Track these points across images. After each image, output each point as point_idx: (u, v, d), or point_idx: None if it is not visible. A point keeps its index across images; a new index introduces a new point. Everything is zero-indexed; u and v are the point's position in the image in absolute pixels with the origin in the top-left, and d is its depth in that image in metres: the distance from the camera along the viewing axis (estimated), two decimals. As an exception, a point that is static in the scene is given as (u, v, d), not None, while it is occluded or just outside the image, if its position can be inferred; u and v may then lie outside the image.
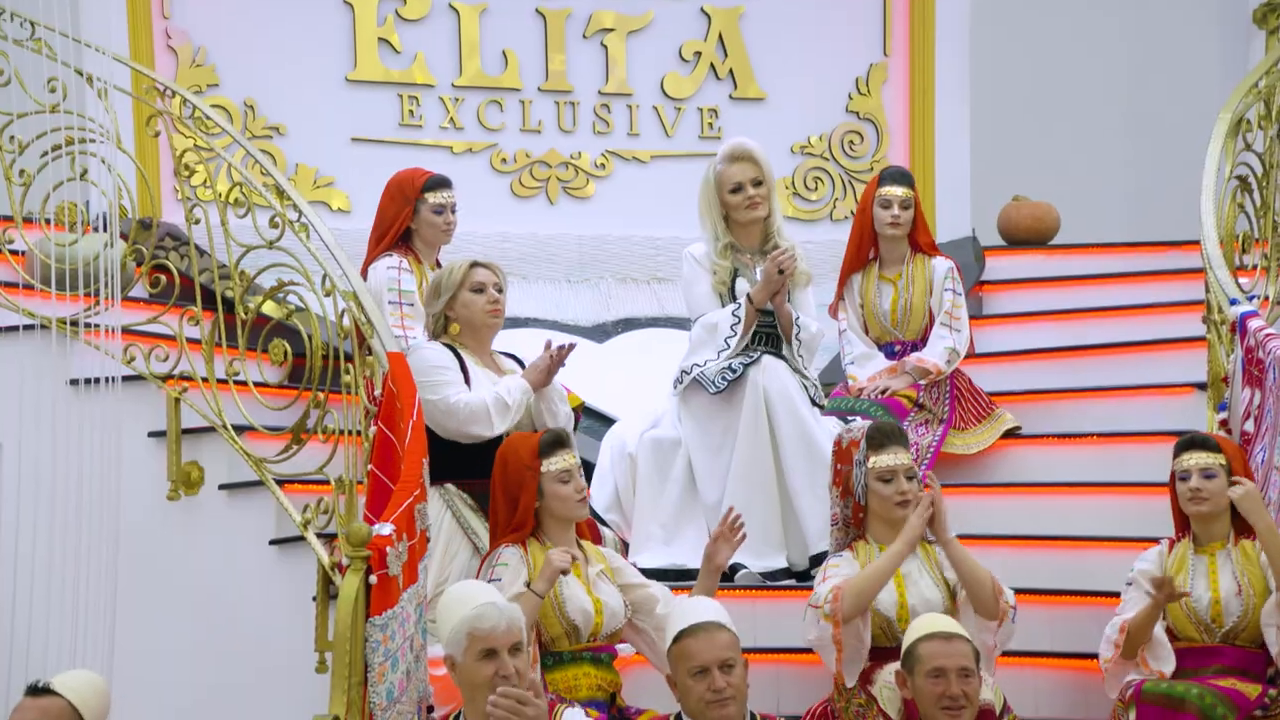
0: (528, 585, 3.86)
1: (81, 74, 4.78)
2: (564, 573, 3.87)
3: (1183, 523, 4.18)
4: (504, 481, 4.08)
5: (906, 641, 3.49)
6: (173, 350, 4.66)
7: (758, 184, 4.82)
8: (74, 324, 4.68)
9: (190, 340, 4.64)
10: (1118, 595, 4.20)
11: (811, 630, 3.94)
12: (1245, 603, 4.00)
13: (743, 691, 3.47)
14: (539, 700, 3.22)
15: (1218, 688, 3.88)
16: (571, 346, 4.41)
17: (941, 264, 5.26)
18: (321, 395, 4.39)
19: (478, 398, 4.29)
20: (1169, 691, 3.89)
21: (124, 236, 4.81)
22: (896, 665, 3.89)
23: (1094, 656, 4.21)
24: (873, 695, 3.87)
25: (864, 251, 5.31)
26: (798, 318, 4.82)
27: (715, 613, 3.56)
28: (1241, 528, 4.11)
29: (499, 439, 4.26)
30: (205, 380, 4.52)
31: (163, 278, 4.76)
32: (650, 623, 4.00)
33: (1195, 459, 4.08)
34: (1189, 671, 3.96)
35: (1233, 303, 4.61)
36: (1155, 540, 4.26)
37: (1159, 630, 4.02)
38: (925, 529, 4.07)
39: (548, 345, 4.40)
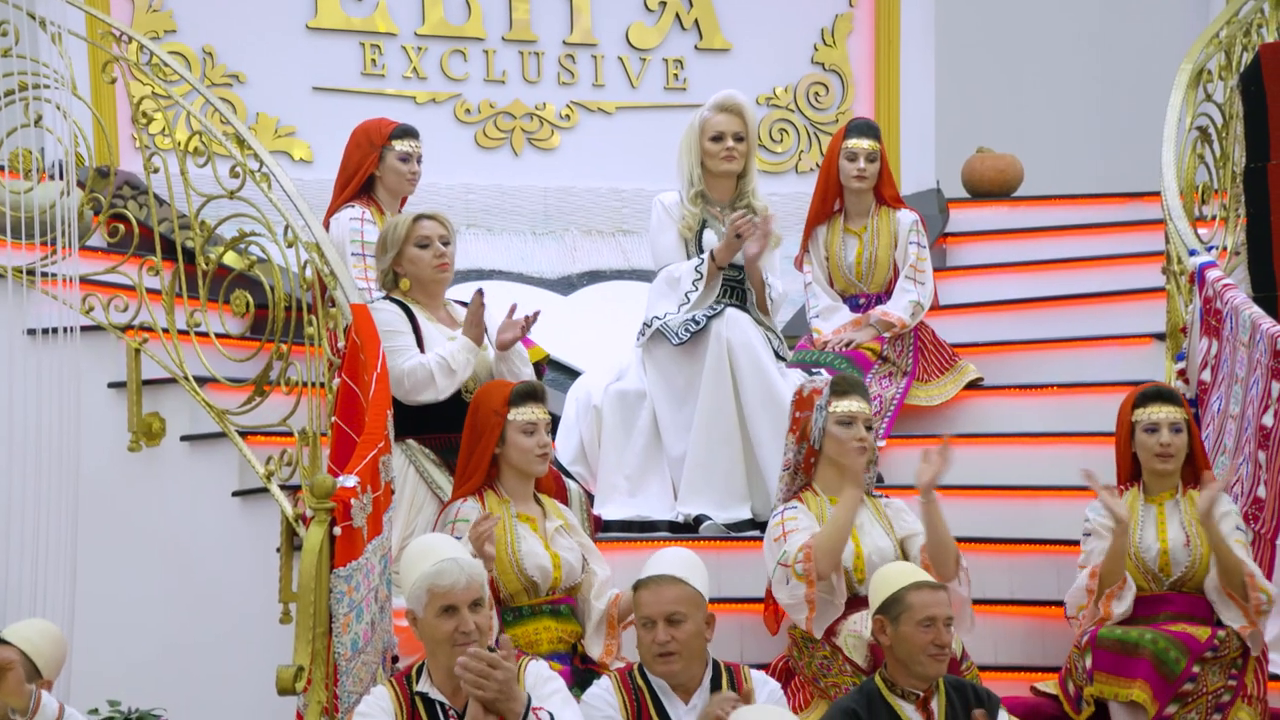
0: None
1: (35, 18, 4.69)
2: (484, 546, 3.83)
3: (1128, 472, 4.21)
4: (471, 426, 4.08)
5: (889, 589, 3.49)
6: (132, 300, 4.62)
7: (739, 139, 4.82)
8: (30, 273, 4.62)
9: (150, 291, 4.60)
10: (1076, 544, 4.25)
11: (782, 590, 3.96)
12: (1193, 553, 4.05)
13: (692, 646, 3.44)
14: (508, 663, 3.23)
15: (1170, 632, 3.94)
16: (536, 314, 4.38)
17: (906, 217, 5.27)
18: (284, 347, 4.36)
19: (421, 366, 4.26)
20: (1123, 637, 3.95)
21: (81, 185, 4.74)
22: (860, 615, 3.93)
23: (1051, 604, 4.27)
24: (837, 646, 3.91)
25: (829, 204, 5.31)
26: (767, 276, 4.83)
27: (680, 566, 3.54)
28: (1189, 479, 4.16)
29: (454, 397, 4.25)
30: (166, 331, 4.48)
31: (121, 227, 4.70)
32: (582, 598, 4.01)
33: (1165, 412, 4.11)
34: (1140, 619, 4.02)
35: (1192, 253, 4.64)
36: (1114, 489, 4.30)
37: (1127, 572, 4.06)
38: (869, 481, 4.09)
39: (511, 309, 4.37)
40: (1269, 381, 4.21)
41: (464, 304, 4.55)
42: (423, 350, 4.34)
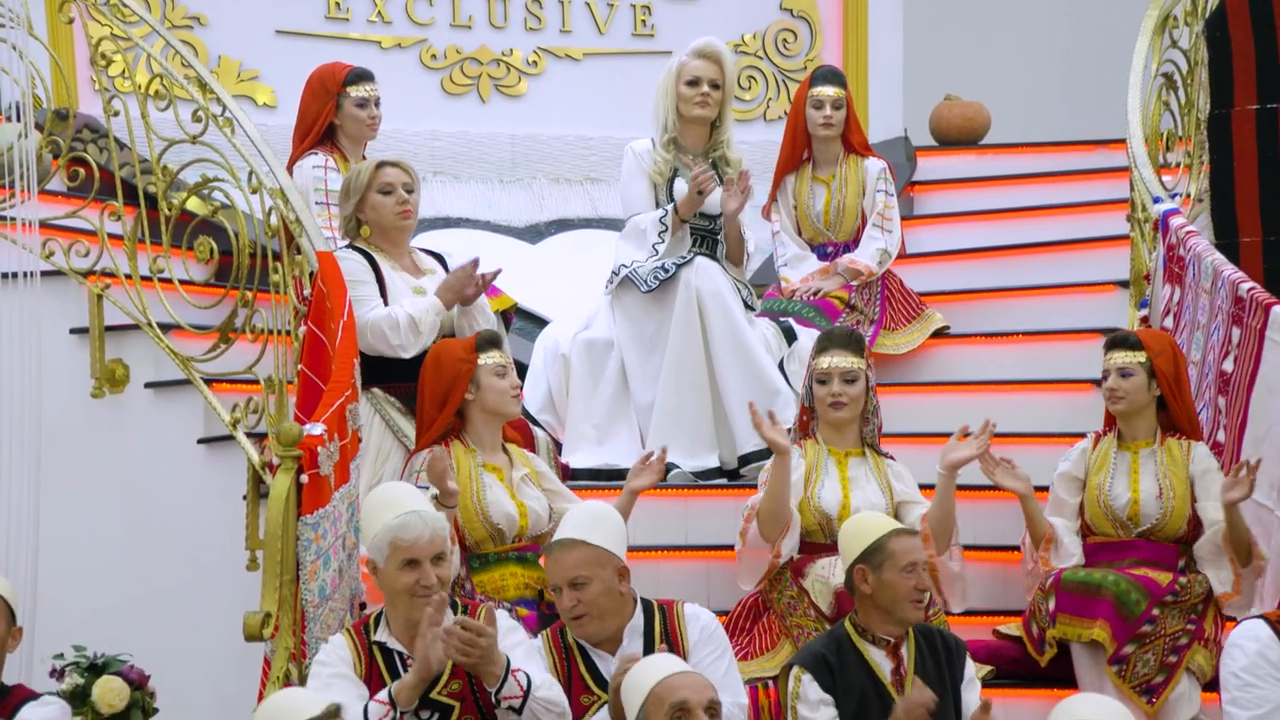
0: (436, 499, 3.83)
1: (-13, -46, 4.60)
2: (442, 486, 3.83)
3: (1109, 419, 4.25)
4: (435, 378, 4.06)
5: (869, 538, 3.50)
6: (94, 246, 4.56)
7: (715, 86, 4.81)
8: (-12, 217, 4.56)
9: (112, 236, 4.54)
10: (1039, 490, 4.28)
11: (738, 543, 4.01)
12: (1164, 506, 4.09)
13: (602, 605, 3.41)
14: (491, 629, 3.24)
15: (1132, 575, 3.99)
16: (497, 272, 4.35)
17: (874, 165, 5.27)
18: (249, 294, 4.33)
19: (389, 317, 4.24)
20: (1086, 580, 4.00)
21: (39, 127, 4.67)
22: (829, 560, 3.97)
23: (1013, 549, 4.32)
24: (804, 588, 3.94)
25: (797, 153, 5.31)
26: (744, 231, 4.83)
27: (583, 526, 3.49)
28: (1168, 426, 4.19)
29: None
30: (129, 277, 4.43)
31: (81, 171, 4.64)
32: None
33: (1115, 358, 4.14)
34: (1105, 564, 4.07)
35: (1156, 200, 4.67)
36: (1078, 436, 4.34)
37: (1062, 532, 4.11)
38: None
39: (474, 264, 4.35)
40: (1229, 328, 4.25)
41: (430, 252, 4.53)
42: (385, 299, 4.33)
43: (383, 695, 3.25)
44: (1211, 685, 3.91)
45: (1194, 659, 3.92)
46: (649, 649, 3.42)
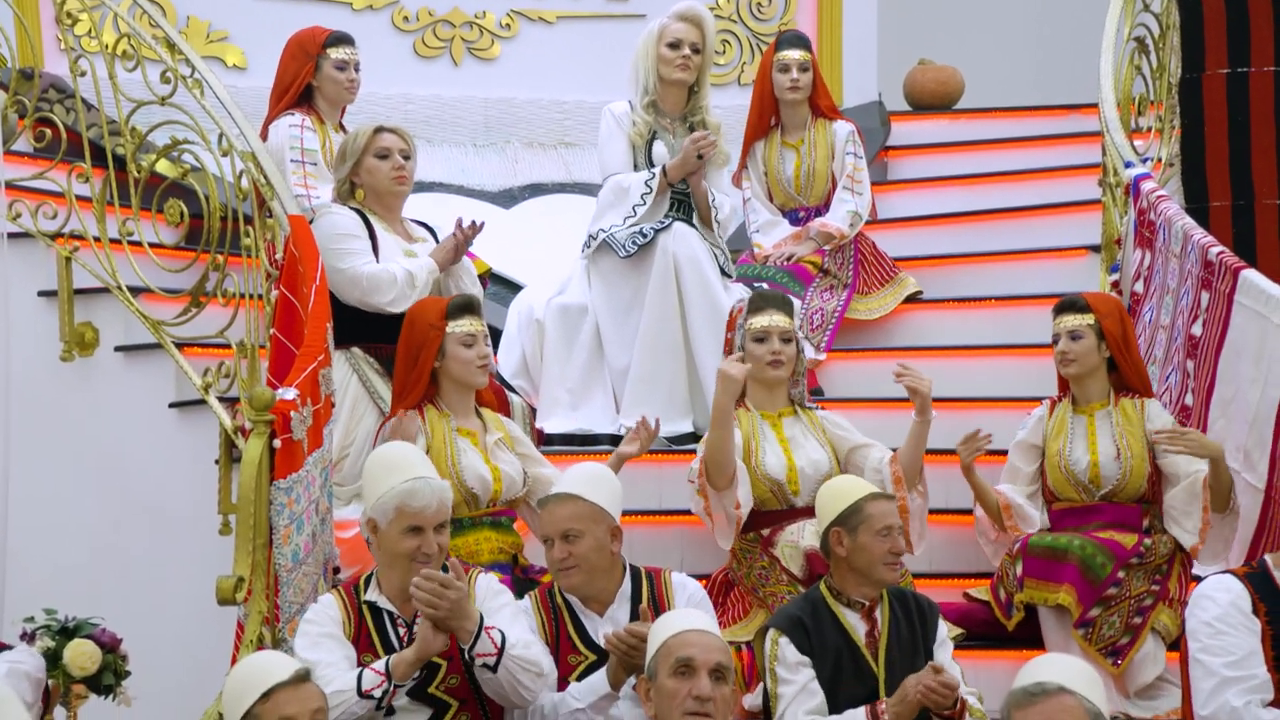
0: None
1: (-54, -88, 4.53)
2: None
3: (1063, 384, 4.27)
4: (407, 340, 4.05)
5: (845, 501, 3.52)
6: (61, 208, 4.52)
7: (695, 50, 4.81)
8: (-48, 177, 4.50)
9: (80, 198, 4.50)
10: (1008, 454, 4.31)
11: (691, 502, 4.02)
12: (1123, 465, 4.12)
13: (592, 560, 3.44)
14: (460, 583, 3.23)
15: (1097, 539, 4.03)
16: (481, 226, 4.35)
17: (843, 127, 5.27)
18: (220, 258, 4.29)
19: (385, 271, 4.25)
20: (1052, 544, 4.04)
21: (3, 87, 4.62)
22: (796, 525, 3.99)
23: (985, 513, 4.35)
24: (775, 556, 3.96)
25: (765, 119, 5.30)
26: (714, 197, 4.82)
27: (581, 483, 3.52)
28: (1120, 386, 4.22)
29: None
30: (97, 240, 4.39)
31: (48, 132, 4.58)
32: (529, 506, 4.02)
33: (1064, 322, 4.16)
34: (1071, 528, 4.10)
35: (1127, 165, 4.68)
36: (1052, 399, 4.36)
37: (1016, 498, 4.14)
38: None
39: (458, 223, 4.35)
40: (1198, 292, 4.28)
41: (420, 223, 4.52)
42: (377, 257, 4.31)
43: (379, 665, 3.24)
44: (1176, 645, 3.96)
45: (1159, 619, 3.96)
46: (635, 615, 3.43)
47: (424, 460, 3.48)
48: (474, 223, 4.34)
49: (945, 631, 3.55)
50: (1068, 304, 4.21)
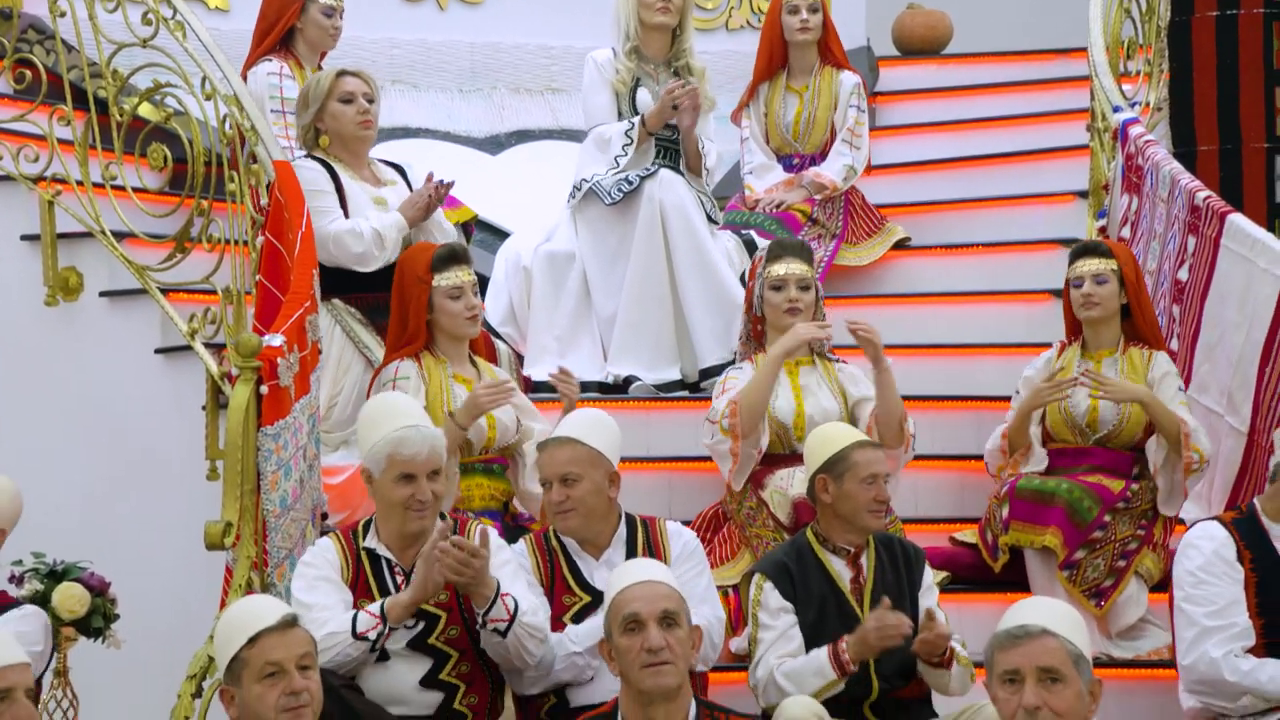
0: (450, 415, 3.87)
1: None
2: (483, 411, 3.85)
3: (1074, 328, 4.27)
4: (398, 293, 4.05)
5: (831, 448, 3.53)
6: (43, 151, 4.47)
7: None
8: (-70, 119, 4.47)
9: (62, 141, 4.45)
10: (998, 399, 4.33)
11: (709, 441, 4.01)
12: (1121, 412, 4.12)
13: (590, 504, 3.45)
14: (485, 551, 3.24)
15: (1085, 482, 4.04)
16: (450, 184, 4.33)
17: (849, 79, 5.24)
18: (205, 203, 4.27)
19: (352, 230, 4.21)
20: (1040, 487, 4.05)
21: (-19, 27, 4.56)
22: (787, 471, 4.00)
23: (972, 458, 4.37)
24: (763, 500, 3.97)
25: (775, 62, 5.27)
26: (703, 144, 4.80)
27: (581, 427, 3.53)
28: (1131, 335, 4.22)
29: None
30: (80, 184, 4.35)
31: (28, 73, 4.53)
32: (518, 458, 4.03)
33: (1089, 265, 4.14)
34: (1060, 470, 4.11)
35: (1116, 110, 4.66)
36: (1037, 346, 4.38)
37: (1035, 441, 4.15)
38: (814, 345, 4.12)
39: (429, 178, 4.32)
40: (1185, 236, 4.28)
41: (389, 164, 4.49)
42: (345, 209, 4.29)
43: (374, 608, 3.26)
44: (1158, 587, 4.00)
45: (1142, 563, 3.99)
46: (630, 558, 3.42)
47: (417, 410, 3.48)
48: (442, 182, 4.30)
49: (931, 578, 3.57)
50: (1090, 248, 4.18)
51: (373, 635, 3.24)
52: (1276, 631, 3.35)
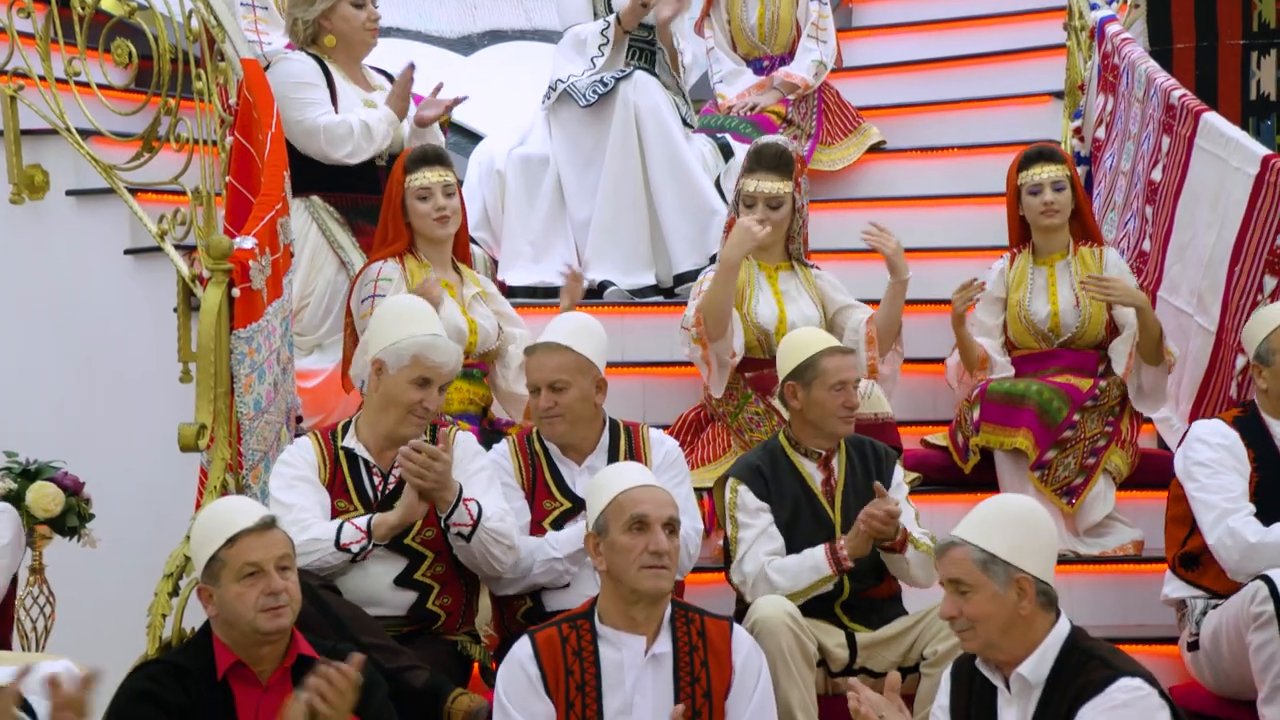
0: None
1: None
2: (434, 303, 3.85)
3: (1018, 235, 4.27)
4: (386, 192, 4.04)
5: (801, 355, 3.54)
6: (2, 44, 4.37)
7: None
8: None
9: (23, 34, 4.34)
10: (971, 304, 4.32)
11: (684, 349, 4.03)
12: (1082, 313, 4.15)
13: (577, 410, 3.47)
14: (447, 455, 3.25)
15: (1054, 383, 4.08)
16: (461, 99, 4.33)
17: (808, -28, 5.18)
18: (172, 101, 4.18)
19: (343, 123, 4.20)
20: (1010, 390, 4.09)
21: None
22: None
23: (941, 360, 4.40)
24: (773, 406, 3.96)
25: (729, -34, 5.21)
26: (678, 43, 4.74)
27: (569, 333, 3.53)
28: (1079, 235, 4.23)
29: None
30: (43, 79, 4.25)
31: (-16, -36, 4.42)
32: (501, 361, 4.03)
33: (1047, 172, 4.13)
34: (1029, 374, 4.15)
35: (1093, 7, 4.63)
36: (1011, 249, 4.38)
37: (995, 354, 4.17)
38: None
39: (411, 66, 4.29)
40: (1159, 136, 4.27)
41: (380, 71, 4.43)
42: (336, 106, 4.25)
43: (360, 522, 3.27)
44: (1125, 485, 4.06)
45: (1111, 460, 4.04)
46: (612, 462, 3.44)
47: (438, 321, 3.49)
48: (413, 65, 4.25)
49: (901, 476, 3.61)
50: (1046, 154, 4.17)
51: (355, 549, 3.26)
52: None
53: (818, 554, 3.41)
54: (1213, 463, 3.41)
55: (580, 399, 3.47)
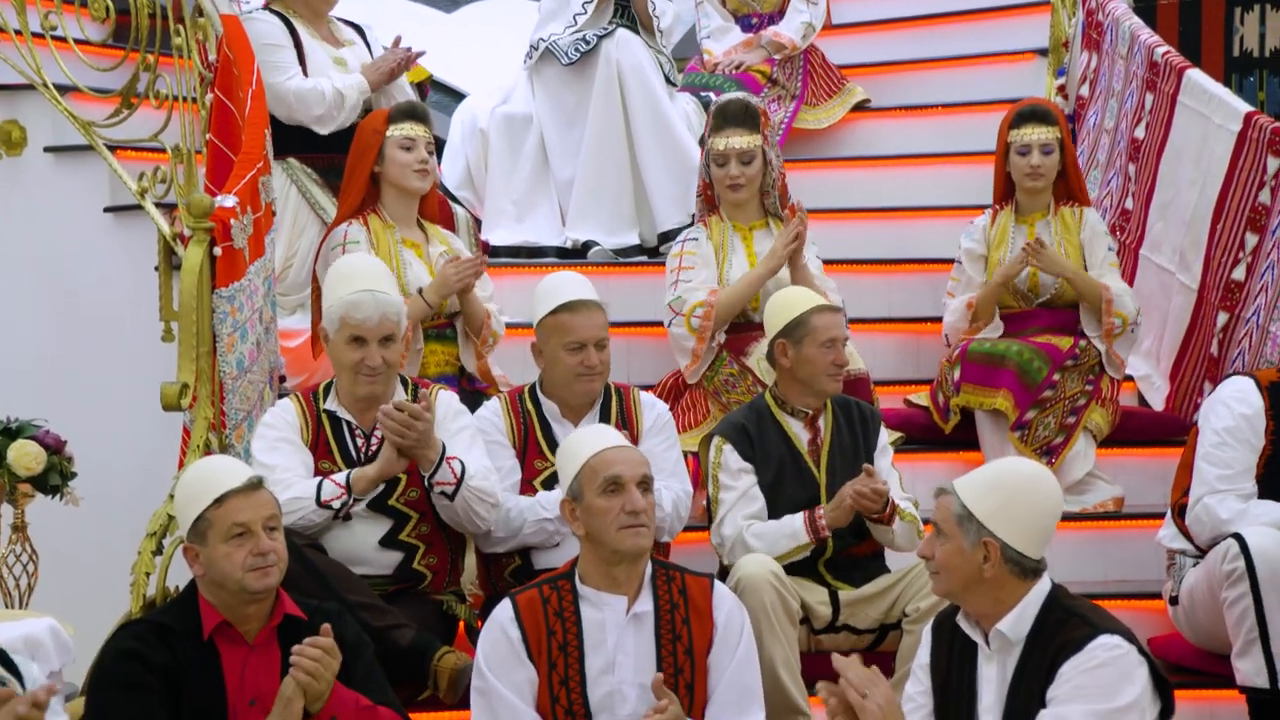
0: (419, 292, 3.85)
1: None
2: (464, 291, 3.82)
3: (1003, 191, 4.26)
4: (355, 147, 4.01)
5: (791, 313, 3.54)
6: (-26, -4, 4.30)
7: None
8: None
9: (-2, -11, 4.29)
10: (954, 263, 4.34)
11: (673, 329, 4.00)
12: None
13: (607, 370, 3.50)
14: (428, 415, 3.25)
15: (1035, 343, 4.10)
16: (420, 54, 4.26)
17: (797, -71, 5.15)
18: (151, 57, 4.13)
19: (314, 89, 4.16)
20: (990, 350, 4.11)
21: None
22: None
23: (926, 320, 4.41)
24: (747, 367, 3.97)
25: (722, -79, 5.17)
26: (654, 6, 4.73)
27: (590, 289, 3.54)
28: (1061, 196, 4.22)
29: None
30: (19, 33, 4.18)
31: (-45, -85, 4.34)
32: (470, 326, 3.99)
33: (1037, 133, 4.11)
34: (1010, 334, 4.16)
35: (1077, -37, 4.61)
36: (994, 205, 4.38)
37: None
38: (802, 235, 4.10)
39: (396, 42, 4.24)
40: (1143, 93, 4.27)
41: (349, 23, 4.38)
42: (304, 68, 4.20)
43: (339, 478, 3.28)
44: (1105, 442, 4.09)
45: (1091, 418, 4.06)
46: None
47: (380, 273, 3.45)
48: (411, 49, 4.23)
49: (886, 438, 3.62)
50: (1039, 115, 4.13)
51: (336, 505, 3.27)
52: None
53: (796, 522, 3.42)
54: (1224, 432, 3.39)
55: (608, 358, 3.50)
